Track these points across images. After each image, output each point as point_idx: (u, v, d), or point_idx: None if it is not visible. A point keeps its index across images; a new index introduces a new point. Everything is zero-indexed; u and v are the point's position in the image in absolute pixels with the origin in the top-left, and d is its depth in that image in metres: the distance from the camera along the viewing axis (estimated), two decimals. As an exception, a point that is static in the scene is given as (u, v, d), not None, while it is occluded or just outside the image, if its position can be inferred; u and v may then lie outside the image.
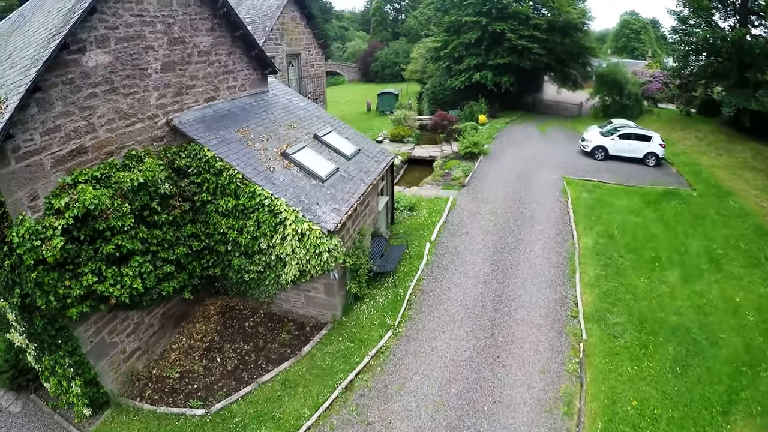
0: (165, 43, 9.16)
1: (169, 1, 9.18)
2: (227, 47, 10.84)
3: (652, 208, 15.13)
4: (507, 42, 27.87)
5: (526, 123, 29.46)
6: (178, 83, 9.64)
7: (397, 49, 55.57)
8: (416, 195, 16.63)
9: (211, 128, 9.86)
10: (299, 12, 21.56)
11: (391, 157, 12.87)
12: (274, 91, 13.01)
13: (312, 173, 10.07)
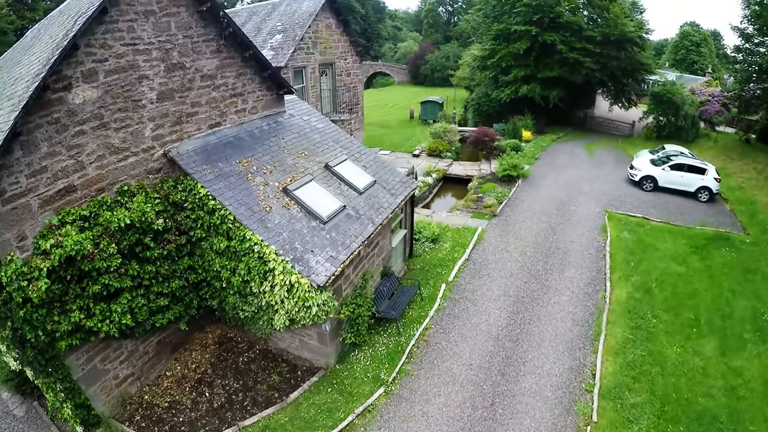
0: (162, 70, 8.71)
1: (166, 25, 8.64)
2: (236, 69, 10.44)
3: (698, 255, 13.54)
4: (557, 54, 26.28)
5: (573, 141, 27.82)
6: (177, 111, 9.23)
7: (447, 52, 54.44)
8: (442, 223, 15.75)
9: (210, 159, 9.51)
10: (335, 19, 21.11)
11: (412, 188, 12.12)
12: (292, 110, 12.64)
13: (313, 213, 9.47)
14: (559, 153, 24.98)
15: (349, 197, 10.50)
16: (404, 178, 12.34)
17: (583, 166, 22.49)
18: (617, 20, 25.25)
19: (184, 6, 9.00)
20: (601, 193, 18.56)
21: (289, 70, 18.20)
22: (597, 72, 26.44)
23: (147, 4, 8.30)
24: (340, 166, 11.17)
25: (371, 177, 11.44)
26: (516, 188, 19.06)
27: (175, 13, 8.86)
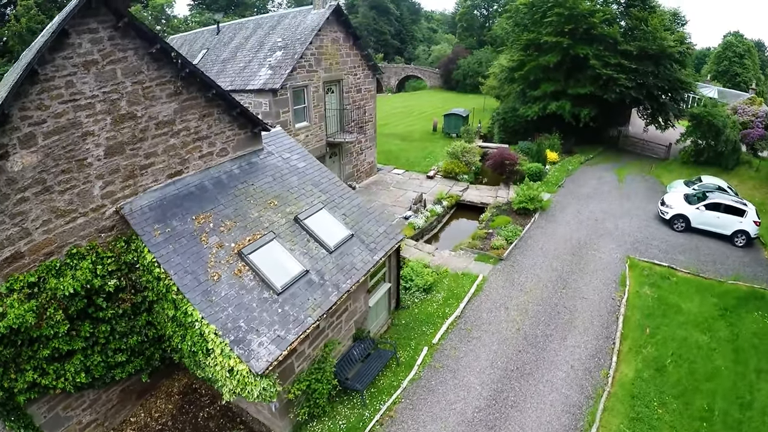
0: (108, 123, 8.20)
1: (111, 74, 8.08)
2: (199, 110, 9.85)
3: (726, 319, 12.00)
4: (590, 69, 24.63)
5: (603, 164, 26.05)
6: (130, 165, 8.72)
7: (480, 58, 52.94)
8: (441, 267, 14.74)
9: (165, 216, 9.01)
10: (344, 33, 20.32)
11: (397, 241, 11.14)
12: (273, 146, 12.03)
13: (266, 282, 8.66)
14: (586, 178, 23.33)
15: (316, 258, 9.72)
16: (390, 227, 11.45)
17: (610, 196, 20.84)
18: (656, 33, 23.36)
19: (132, 49, 8.40)
20: (626, 233, 17.01)
21: (288, 90, 17.63)
22: (632, 90, 24.56)
23: (87, 54, 7.76)
24: (312, 219, 10.42)
25: (348, 230, 10.60)
26: (531, 224, 17.79)
27: (121, 59, 8.28)
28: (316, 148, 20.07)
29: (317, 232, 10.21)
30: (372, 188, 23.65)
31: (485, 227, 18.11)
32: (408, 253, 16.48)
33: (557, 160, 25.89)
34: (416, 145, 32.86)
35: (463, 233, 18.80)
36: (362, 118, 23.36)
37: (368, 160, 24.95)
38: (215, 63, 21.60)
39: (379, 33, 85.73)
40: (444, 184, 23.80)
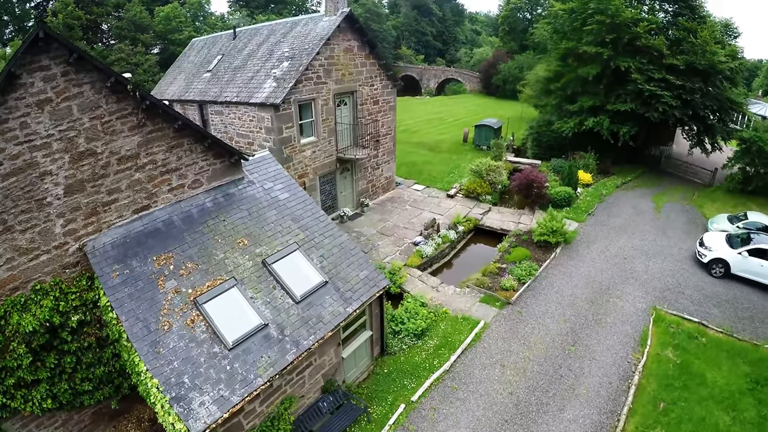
0: (67, 162, 8.26)
1: (66, 111, 8.06)
2: (167, 141, 9.60)
3: (755, 396, 10.49)
4: (632, 84, 22.85)
5: (641, 189, 24.18)
6: (91, 202, 8.77)
7: (521, 63, 51.23)
8: (441, 308, 13.83)
9: (126, 255, 8.93)
10: (358, 41, 19.56)
11: (379, 288, 10.42)
12: (256, 174, 11.57)
13: (218, 335, 8.24)
14: (620, 206, 21.63)
15: (279, 308, 9.14)
16: (373, 272, 10.66)
17: (644, 229, 19.14)
18: (706, 47, 21.32)
19: (88, 84, 8.28)
20: (657, 276, 15.45)
21: (292, 104, 17.14)
22: (676, 110, 22.58)
23: (40, 93, 7.76)
24: (283, 262, 9.86)
25: (322, 276, 9.95)
26: (551, 260, 16.51)
27: (77, 95, 8.19)
28: (324, 164, 19.68)
29: (285, 278, 9.70)
30: (386, 206, 23.04)
31: (500, 260, 17.06)
32: (411, 285, 15.79)
33: (591, 183, 24.28)
34: (443, 157, 31.91)
35: (476, 264, 17.78)
36: (379, 130, 22.75)
37: (385, 174, 24.32)
38: (227, 71, 21.63)
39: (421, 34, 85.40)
40: (464, 204, 22.82)
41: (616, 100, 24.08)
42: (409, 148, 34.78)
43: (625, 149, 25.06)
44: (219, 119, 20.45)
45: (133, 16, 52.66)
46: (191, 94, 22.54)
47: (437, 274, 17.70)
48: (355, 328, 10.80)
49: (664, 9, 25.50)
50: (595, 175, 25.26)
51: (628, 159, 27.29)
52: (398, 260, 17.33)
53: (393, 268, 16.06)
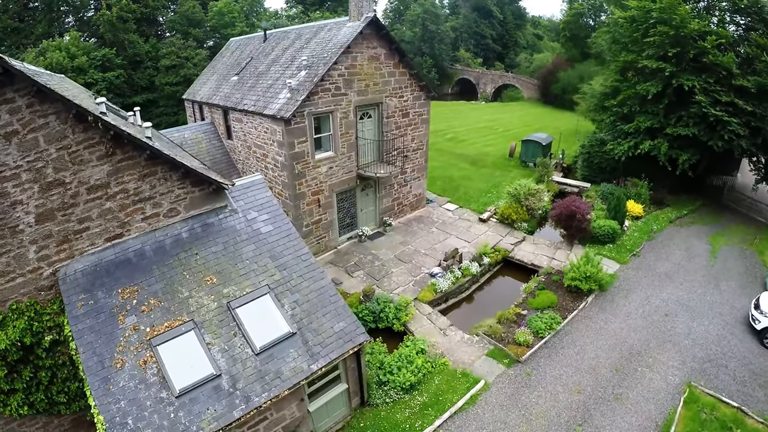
0: (36, 192, 8.62)
1: (33, 142, 8.35)
2: (138, 170, 9.59)
3: None
4: (695, 106, 20.58)
5: (697, 226, 21.85)
6: (62, 230, 9.13)
7: (581, 72, 48.69)
8: (440, 358, 12.85)
9: (94, 285, 9.15)
10: (385, 48, 18.67)
11: (354, 345, 9.71)
12: (242, 201, 11.21)
13: (167, 380, 8.11)
14: (671, 246, 19.53)
15: (236, 358, 8.74)
16: (351, 326, 9.86)
17: (695, 278, 17.11)
18: None
19: (53, 114, 8.42)
20: (699, 342, 13.62)
21: (306, 117, 16.61)
22: (744, 139, 20.08)
23: (7, 126, 8.11)
24: (248, 307, 9.40)
25: (289, 326, 9.38)
26: (578, 311, 15.03)
27: (42, 126, 8.37)
28: (343, 181, 19.19)
29: (248, 325, 9.26)
30: (412, 226, 22.28)
31: (521, 304, 15.77)
32: (417, 324, 15.01)
33: (642, 215, 22.23)
34: (485, 172, 30.65)
35: (497, 303, 16.54)
36: (409, 145, 22.00)
37: (414, 192, 23.53)
38: (251, 76, 21.72)
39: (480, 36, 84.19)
40: (496, 231, 21.59)
41: (676, 122, 21.85)
42: (450, 160, 33.81)
43: (683, 177, 22.71)
44: (239, 127, 20.60)
45: (186, 11, 55.02)
46: (217, 97, 22.87)
47: (451, 311, 16.78)
48: (326, 381, 10.19)
49: (735, 21, 22.75)
50: (647, 205, 23.15)
51: (687, 188, 24.79)
52: (410, 293, 16.59)
53: (400, 303, 15.32)
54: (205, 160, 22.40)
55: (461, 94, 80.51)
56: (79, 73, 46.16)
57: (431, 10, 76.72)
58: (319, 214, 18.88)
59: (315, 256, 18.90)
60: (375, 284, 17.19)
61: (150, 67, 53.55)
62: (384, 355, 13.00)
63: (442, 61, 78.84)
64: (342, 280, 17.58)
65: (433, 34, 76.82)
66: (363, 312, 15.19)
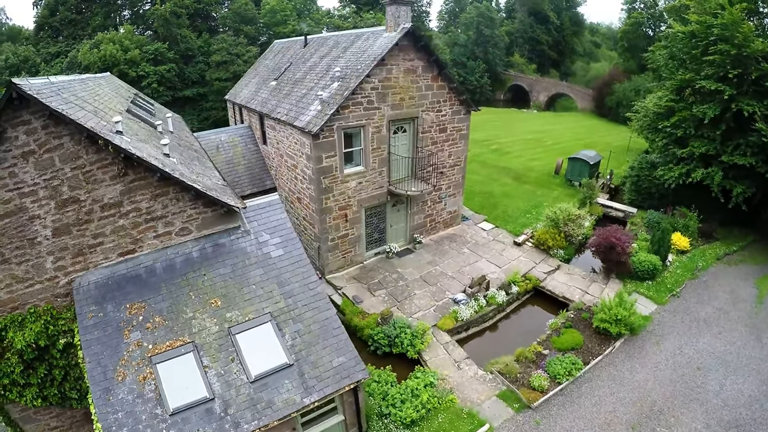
0: (53, 207, 9.25)
1: (49, 162, 8.95)
2: (151, 190, 10.05)
3: None
4: (755, 134, 19.14)
5: (746, 265, 20.24)
6: (78, 244, 9.75)
7: (638, 85, 46.55)
8: (448, 393, 12.59)
9: (105, 297, 9.69)
10: (423, 61, 18.23)
11: (351, 381, 9.59)
12: (255, 223, 11.37)
13: (162, 399, 8.46)
14: (714, 287, 18.22)
15: (231, 384, 8.90)
16: (350, 361, 9.75)
17: (736, 327, 15.90)
18: None
19: (68, 136, 8.99)
20: (730, 402, 12.56)
21: (335, 131, 16.60)
22: None
23: (24, 146, 8.72)
24: (248, 334, 9.52)
25: (287, 357, 9.43)
26: (603, 357, 14.25)
27: (57, 146, 8.96)
28: (372, 197, 19.11)
29: (246, 352, 9.42)
30: (443, 245, 21.95)
31: (544, 342, 15.18)
32: (432, 353, 14.81)
33: (688, 249, 20.92)
34: (526, 190, 29.81)
35: (521, 336, 15.99)
36: (444, 162, 21.67)
37: (449, 209, 23.16)
38: (288, 83, 22.06)
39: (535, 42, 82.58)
40: (530, 257, 20.92)
41: (733, 150, 20.43)
42: (493, 174, 33.15)
43: (736, 209, 21.18)
44: (273, 134, 20.99)
45: (238, 8, 56.83)
46: (255, 102, 23.41)
47: (471, 340, 16.51)
48: (321, 412, 10.23)
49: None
50: (695, 239, 21.77)
51: (739, 221, 23.00)
52: (430, 318, 16.40)
53: (417, 330, 15.17)
54: (240, 165, 23.07)
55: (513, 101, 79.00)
56: (132, 66, 48.64)
57: (486, 14, 75.73)
58: (346, 228, 18.91)
59: (340, 270, 19.26)
60: (396, 305, 17.10)
61: (201, 62, 55.73)
62: (391, 385, 12.90)
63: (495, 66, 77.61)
64: (363, 299, 17.56)
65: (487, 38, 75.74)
66: (378, 335, 15.14)
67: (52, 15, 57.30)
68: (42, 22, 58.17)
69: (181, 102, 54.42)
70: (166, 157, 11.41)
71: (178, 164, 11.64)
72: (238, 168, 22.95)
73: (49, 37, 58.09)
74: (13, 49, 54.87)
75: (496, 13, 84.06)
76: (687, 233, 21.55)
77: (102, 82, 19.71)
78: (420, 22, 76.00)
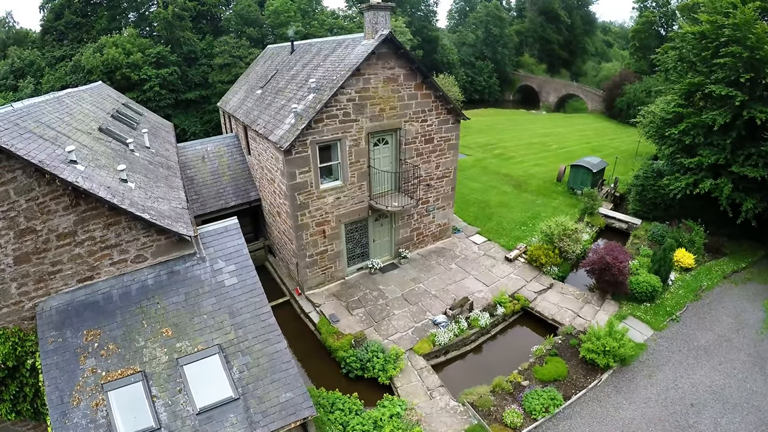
0: (12, 237, 9.78)
1: (5, 194, 9.41)
2: (104, 219, 10.38)
3: None
4: (767, 144, 18.47)
5: (754, 284, 19.39)
6: (38, 271, 10.30)
7: (649, 86, 45.77)
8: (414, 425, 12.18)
9: (64, 324, 10.21)
10: (405, 69, 17.83)
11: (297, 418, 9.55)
12: (212, 248, 11.46)
13: (111, 425, 8.84)
14: (718, 310, 17.50)
15: (177, 415, 8.99)
16: (298, 398, 9.70)
17: (738, 357, 15.19)
18: None
19: (20, 169, 9.46)
20: None
21: (309, 147, 16.37)
22: None
23: None
24: (196, 366, 9.56)
25: (233, 390, 9.45)
26: (586, 391, 13.71)
27: (11, 179, 9.45)
28: (353, 212, 18.97)
29: (192, 384, 9.49)
30: (430, 260, 21.75)
31: (525, 372, 14.60)
32: (404, 379, 14.63)
33: (692, 266, 20.27)
34: (525, 199, 29.44)
35: (501, 363, 15.63)
36: (431, 174, 21.46)
37: (438, 222, 22.92)
38: (272, 92, 22.00)
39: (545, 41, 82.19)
40: (522, 274, 20.54)
41: (744, 161, 19.77)
42: (492, 181, 32.86)
43: (746, 222, 20.49)
44: (254, 146, 21.03)
45: (240, 10, 57.22)
46: (241, 111, 23.50)
47: (449, 365, 16.22)
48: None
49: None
50: (701, 255, 21.15)
51: (749, 234, 22.16)
52: (406, 341, 16.20)
53: (390, 355, 15.04)
54: (225, 175, 23.19)
55: (523, 102, 78.43)
56: (134, 69, 49.32)
57: (495, 13, 75.33)
58: (325, 245, 18.83)
59: (319, 286, 19.20)
60: (373, 326, 16.99)
61: (204, 64, 56.25)
62: (356, 413, 12.78)
63: (504, 66, 77.16)
64: (340, 318, 17.50)
65: (496, 38, 75.22)
66: (351, 358, 15.14)
67: (57, 19, 58.41)
68: (47, 25, 59.34)
69: (184, 104, 55.02)
70: (123, 183, 11.56)
71: (135, 189, 11.74)
72: (223, 179, 23.04)
73: (54, 40, 59.24)
74: (18, 53, 56.01)
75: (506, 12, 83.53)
76: (692, 249, 20.97)
77: (85, 96, 19.99)
78: (427, 22, 75.61)
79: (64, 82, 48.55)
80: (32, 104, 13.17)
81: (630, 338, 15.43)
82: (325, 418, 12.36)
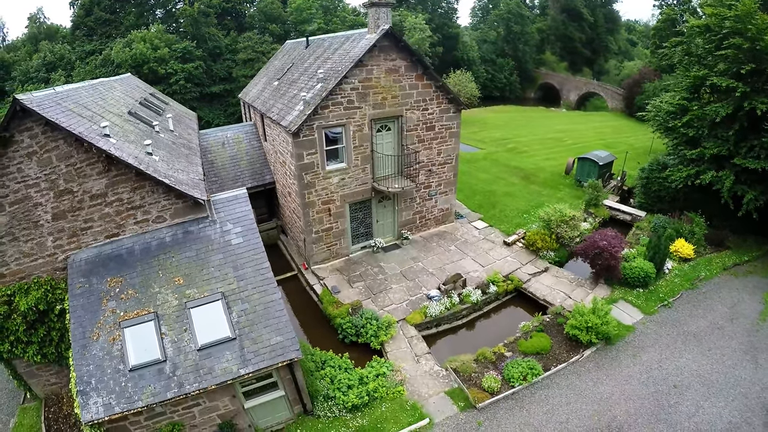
0: (52, 197, 11.60)
1: (48, 160, 11.27)
2: (130, 184, 12.18)
3: None
4: None
5: (755, 277, 19.41)
6: (72, 227, 12.08)
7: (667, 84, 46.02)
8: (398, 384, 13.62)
9: (92, 272, 11.90)
10: (405, 61, 19.17)
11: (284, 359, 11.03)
12: (222, 213, 13.22)
13: (125, 357, 10.54)
14: (714, 300, 17.71)
15: (182, 350, 10.70)
16: (287, 341, 11.24)
17: (730, 345, 15.24)
18: None
19: (62, 139, 11.31)
20: (702, 428, 12.15)
21: (315, 131, 18.01)
22: None
23: (28, 148, 11.09)
24: (201, 309, 11.31)
25: (231, 331, 11.15)
26: (567, 365, 14.45)
27: (54, 148, 11.29)
28: (356, 192, 20.45)
29: (197, 324, 11.13)
30: (431, 242, 23.07)
31: (510, 345, 15.59)
32: (394, 345, 15.94)
33: (692, 257, 20.71)
34: (531, 190, 30.50)
35: (490, 338, 16.70)
36: (433, 159, 22.82)
37: (440, 207, 24.29)
38: (287, 83, 23.75)
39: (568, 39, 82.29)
40: (518, 257, 21.65)
41: (746, 153, 20.20)
42: (501, 173, 33.95)
43: (749, 215, 20.86)
44: (270, 132, 22.79)
45: (264, 7, 59.58)
46: (259, 101, 25.33)
47: (441, 338, 17.47)
48: (262, 385, 11.87)
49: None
50: (702, 246, 21.64)
51: (752, 227, 22.29)
52: (400, 312, 17.51)
53: (382, 322, 16.35)
54: (243, 160, 25.06)
55: (543, 99, 78.77)
56: (161, 63, 52.01)
57: (516, 10, 75.95)
58: (330, 222, 20.43)
59: (325, 262, 20.85)
60: (371, 298, 18.39)
61: (229, 59, 58.75)
62: (345, 371, 14.21)
63: (525, 64, 77.64)
64: (341, 289, 18.99)
65: (517, 36, 75.81)
66: (347, 324, 16.56)
67: (88, 15, 61.82)
68: (78, 21, 62.82)
69: (208, 98, 57.60)
70: (149, 156, 13.41)
71: (159, 161, 13.58)
72: (241, 163, 24.90)
73: (84, 35, 62.66)
74: (50, 47, 59.55)
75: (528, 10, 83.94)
76: (692, 240, 21.38)
77: (115, 85, 22.10)
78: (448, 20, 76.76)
79: (94, 75, 51.50)
80: (71, 89, 15.14)
81: (615, 317, 16.11)
82: (317, 373, 13.92)
